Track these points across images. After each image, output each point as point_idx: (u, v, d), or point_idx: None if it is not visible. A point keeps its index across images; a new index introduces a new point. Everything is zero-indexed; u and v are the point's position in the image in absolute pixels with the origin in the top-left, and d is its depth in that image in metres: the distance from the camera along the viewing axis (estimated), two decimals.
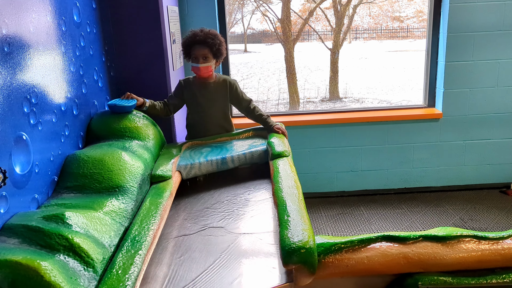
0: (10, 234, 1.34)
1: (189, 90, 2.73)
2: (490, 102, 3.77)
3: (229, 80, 2.78)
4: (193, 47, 2.63)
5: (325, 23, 8.15)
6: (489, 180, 3.98)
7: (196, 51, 2.62)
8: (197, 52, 2.61)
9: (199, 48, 2.61)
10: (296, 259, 1.38)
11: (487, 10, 3.55)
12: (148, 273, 1.55)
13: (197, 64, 2.62)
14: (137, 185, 1.88)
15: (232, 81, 2.79)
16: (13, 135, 1.49)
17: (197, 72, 2.66)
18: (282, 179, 1.95)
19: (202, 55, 2.61)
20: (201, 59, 2.61)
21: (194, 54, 2.63)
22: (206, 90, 2.73)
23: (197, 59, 2.62)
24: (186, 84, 2.74)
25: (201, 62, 2.62)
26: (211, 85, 2.74)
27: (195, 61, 2.63)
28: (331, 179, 3.95)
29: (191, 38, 2.64)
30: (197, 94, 2.72)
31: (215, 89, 2.75)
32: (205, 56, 2.62)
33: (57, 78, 1.88)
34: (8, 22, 1.51)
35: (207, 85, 2.74)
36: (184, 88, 2.73)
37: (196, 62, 2.62)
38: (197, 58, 2.62)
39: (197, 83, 2.74)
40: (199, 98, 2.73)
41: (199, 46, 2.61)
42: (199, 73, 2.66)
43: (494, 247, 1.49)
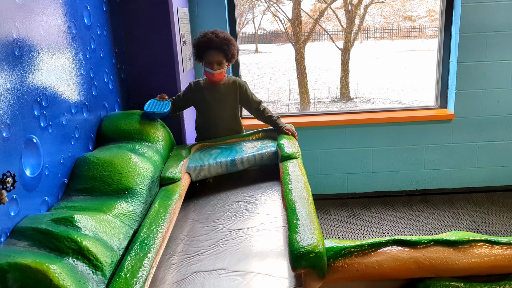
0: (20, 236, 1.36)
1: (199, 93, 2.71)
2: (503, 103, 3.71)
3: (239, 82, 2.76)
4: (207, 52, 2.60)
5: (336, 23, 8.11)
6: (503, 182, 3.91)
7: (210, 56, 2.59)
8: (212, 58, 2.59)
9: (214, 54, 2.59)
10: (305, 264, 1.37)
11: (500, 10, 3.49)
12: (156, 276, 1.55)
13: (211, 70, 2.60)
14: (146, 187, 1.88)
15: (242, 82, 2.77)
16: (24, 138, 1.50)
17: (211, 77, 2.64)
18: (292, 182, 1.94)
19: (217, 62, 2.60)
20: (215, 65, 2.60)
21: (208, 60, 2.60)
22: (216, 91, 2.72)
23: (212, 65, 2.60)
24: (197, 87, 2.72)
25: (215, 68, 2.60)
26: (221, 87, 2.73)
27: (210, 66, 2.60)
28: (341, 181, 3.92)
29: (206, 43, 2.60)
30: (207, 96, 2.71)
31: (225, 90, 2.73)
32: (220, 62, 2.60)
33: (67, 81, 1.89)
34: (18, 26, 1.52)
35: (217, 87, 2.72)
36: (194, 91, 2.72)
37: (211, 68, 2.60)
38: (212, 64, 2.60)
39: (207, 85, 2.73)
40: (209, 99, 2.71)
41: (214, 52, 2.59)
42: (213, 79, 2.65)
43: (507, 252, 1.46)
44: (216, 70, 2.60)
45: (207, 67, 2.62)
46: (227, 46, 2.59)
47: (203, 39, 2.61)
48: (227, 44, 2.60)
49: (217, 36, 2.59)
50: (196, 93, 2.71)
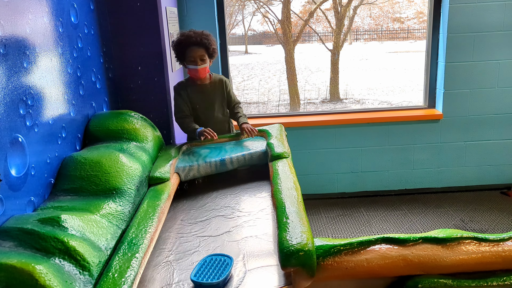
0: (5, 237, 1.33)
1: (187, 96, 2.69)
2: (491, 102, 3.75)
3: (225, 79, 2.78)
4: (188, 49, 2.60)
5: (325, 24, 8.14)
6: (490, 181, 3.96)
7: (192, 52, 2.59)
8: (194, 54, 2.58)
9: (196, 50, 2.59)
10: (295, 262, 1.37)
11: (488, 11, 3.53)
12: (145, 276, 1.53)
13: (195, 66, 2.59)
14: (134, 187, 1.86)
15: (227, 80, 2.80)
16: (9, 137, 1.47)
17: (196, 74, 2.63)
18: (282, 181, 1.94)
19: (199, 56, 2.59)
20: (198, 60, 2.59)
21: (190, 57, 2.59)
22: (204, 93, 2.71)
23: (195, 61, 2.59)
24: (183, 88, 2.70)
25: (199, 63, 2.60)
26: (208, 87, 2.72)
27: (193, 63, 2.60)
28: (331, 180, 3.93)
29: (185, 40, 2.59)
30: (195, 98, 2.70)
31: (213, 90, 2.73)
32: (202, 57, 2.60)
33: (54, 80, 1.87)
34: (4, 23, 1.50)
35: (204, 88, 2.71)
36: (182, 94, 2.68)
37: (194, 64, 2.59)
38: (195, 60, 2.59)
39: (194, 86, 2.70)
40: (198, 101, 2.71)
41: (195, 47, 2.59)
42: (198, 75, 2.63)
43: (494, 249, 1.47)
44: (200, 65, 2.59)
45: (190, 64, 2.61)
46: (206, 40, 2.60)
47: (182, 37, 2.62)
48: (206, 38, 2.60)
49: (195, 33, 2.61)
50: (185, 96, 2.69)
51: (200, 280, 1.40)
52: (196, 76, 2.65)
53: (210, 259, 1.52)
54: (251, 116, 3.97)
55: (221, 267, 1.47)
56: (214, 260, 1.51)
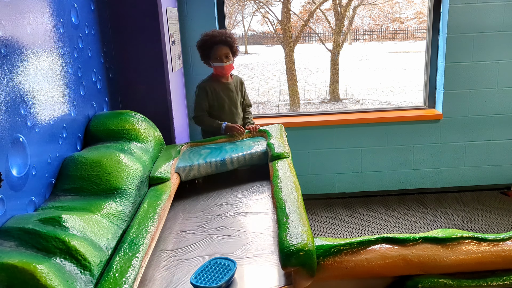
0: (6, 237, 1.34)
1: (214, 93, 2.83)
2: (490, 103, 3.76)
3: (241, 79, 2.99)
4: (214, 48, 2.77)
5: (325, 24, 8.15)
6: (490, 181, 3.96)
7: (218, 51, 2.77)
8: (219, 52, 2.77)
9: (221, 48, 2.77)
10: (295, 262, 1.37)
11: (487, 11, 3.54)
12: (145, 276, 1.53)
13: (221, 63, 2.77)
14: (135, 187, 1.87)
15: (242, 80, 3.01)
16: (10, 137, 1.48)
17: (222, 71, 2.80)
18: (282, 181, 1.94)
19: (224, 54, 2.78)
20: (224, 58, 2.76)
21: (216, 55, 2.77)
22: (229, 89, 2.87)
23: (221, 59, 2.77)
24: (209, 87, 2.83)
25: (225, 61, 2.76)
26: (231, 84, 2.89)
27: (218, 60, 2.77)
28: (331, 181, 3.94)
29: (211, 39, 2.78)
30: (221, 94, 2.84)
31: (235, 87, 2.91)
32: (227, 55, 2.78)
33: (54, 80, 1.87)
34: (5, 24, 1.50)
35: (228, 85, 2.88)
36: (209, 92, 2.82)
37: (220, 62, 2.76)
38: (220, 57, 2.77)
39: (219, 83, 2.85)
40: (225, 97, 2.85)
41: (220, 45, 2.76)
42: (224, 72, 2.81)
43: (494, 249, 1.48)
44: (225, 62, 2.78)
45: (216, 62, 2.79)
46: (230, 38, 2.82)
47: (207, 37, 2.79)
48: (230, 37, 2.80)
49: (219, 32, 2.80)
50: (211, 92, 2.83)
51: (199, 283, 1.40)
52: (221, 73, 2.82)
53: (214, 262, 1.51)
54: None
55: (223, 271, 1.46)
56: (218, 264, 1.50)
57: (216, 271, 1.46)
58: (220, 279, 1.41)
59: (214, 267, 1.48)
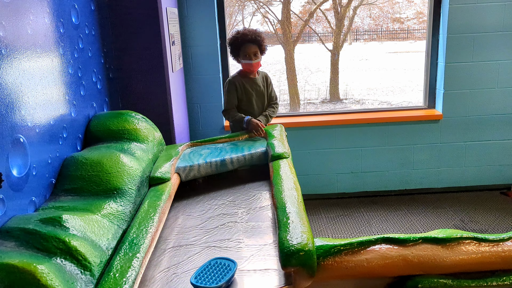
0: (7, 237, 1.34)
1: (242, 88, 2.94)
2: (490, 103, 3.76)
3: (267, 74, 3.09)
4: (244, 46, 2.90)
5: (325, 24, 8.15)
6: (490, 181, 3.96)
7: (247, 48, 2.89)
8: (249, 50, 2.89)
9: (251, 46, 2.89)
10: (295, 262, 1.37)
11: (487, 11, 3.54)
12: (146, 276, 1.54)
13: (250, 61, 2.90)
14: (135, 187, 1.87)
15: (268, 75, 3.10)
16: (10, 138, 1.48)
17: (250, 68, 2.93)
18: (282, 181, 1.94)
19: (253, 52, 2.90)
20: (253, 56, 2.90)
21: (245, 52, 2.90)
22: (257, 85, 2.98)
23: (250, 56, 2.90)
24: (238, 82, 2.94)
25: (253, 59, 2.91)
26: (258, 80, 3.00)
27: (248, 58, 2.90)
28: (331, 181, 3.94)
29: (242, 37, 2.89)
30: (250, 89, 2.95)
31: (262, 83, 3.02)
32: (256, 53, 2.92)
33: (55, 80, 1.88)
34: (5, 24, 1.50)
35: (256, 80, 2.99)
36: (238, 86, 2.93)
37: (249, 59, 2.90)
38: (249, 55, 2.90)
39: (247, 79, 2.96)
40: (252, 94, 2.96)
41: (250, 44, 2.89)
42: (252, 69, 2.93)
43: (494, 249, 1.48)
44: (254, 60, 2.91)
45: (244, 59, 2.92)
46: (259, 37, 2.93)
47: (238, 35, 2.92)
48: (259, 36, 2.93)
49: (249, 31, 2.91)
50: (240, 87, 2.94)
51: (199, 283, 1.40)
52: (249, 70, 2.94)
53: (214, 262, 1.51)
54: None
55: (223, 271, 1.46)
56: (218, 264, 1.50)
57: (216, 271, 1.46)
58: (220, 279, 1.42)
59: (214, 267, 1.48)
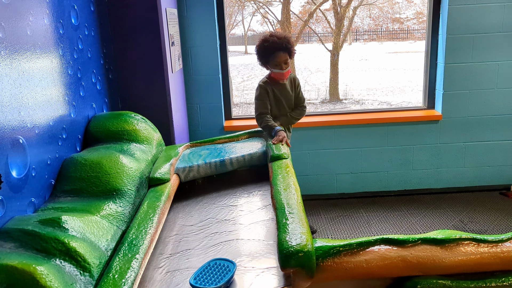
0: (6, 238, 1.34)
1: (272, 94, 2.88)
2: (490, 103, 3.76)
3: (295, 76, 2.99)
4: (274, 54, 2.78)
5: (325, 24, 8.15)
6: (489, 182, 3.96)
7: (277, 58, 2.78)
8: (279, 59, 2.78)
9: (282, 55, 2.78)
10: (294, 263, 1.37)
11: (486, 12, 3.54)
12: (145, 277, 1.54)
13: (281, 70, 2.80)
14: (134, 188, 1.87)
15: (296, 77, 3.00)
16: (10, 139, 1.48)
17: (281, 77, 2.84)
18: (281, 182, 1.94)
19: (284, 61, 2.79)
20: (283, 65, 2.80)
21: (276, 61, 2.78)
22: (285, 90, 2.91)
23: (280, 66, 2.79)
24: (268, 88, 2.87)
25: (284, 68, 2.80)
26: (287, 85, 2.93)
27: (278, 67, 2.80)
28: (331, 181, 3.94)
29: (272, 46, 2.77)
30: (280, 95, 2.89)
31: (290, 87, 2.95)
32: (286, 61, 2.81)
33: (54, 81, 1.88)
34: (4, 25, 1.51)
35: (285, 86, 2.92)
36: (269, 91, 2.87)
37: (280, 68, 2.80)
38: (280, 64, 2.79)
39: (278, 85, 2.89)
40: (282, 100, 2.90)
41: (280, 52, 2.77)
42: (282, 78, 2.84)
43: (493, 250, 1.48)
44: (285, 69, 2.80)
45: (275, 68, 2.82)
46: (289, 44, 2.81)
47: (267, 43, 2.79)
48: (288, 42, 2.80)
49: (279, 38, 2.78)
50: (270, 93, 2.88)
51: (198, 284, 1.40)
52: (280, 79, 2.86)
53: (213, 263, 1.51)
54: (251, 117, 3.97)
55: (223, 272, 1.46)
56: (217, 265, 1.50)
57: (216, 272, 1.46)
58: (219, 280, 1.42)
59: (213, 268, 1.48)
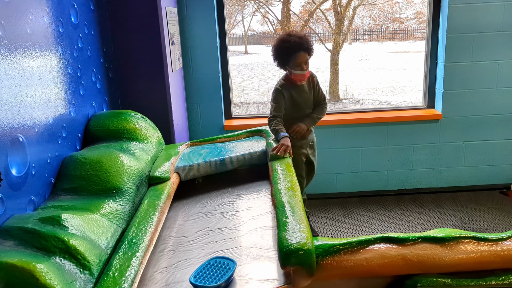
0: (6, 236, 1.34)
1: (290, 98, 2.76)
2: (490, 103, 3.76)
3: (313, 74, 2.85)
4: (295, 55, 2.64)
5: (325, 24, 8.14)
6: (489, 181, 3.96)
7: (299, 59, 2.65)
8: (301, 60, 2.65)
9: (303, 55, 2.65)
10: (294, 261, 1.37)
11: (486, 11, 3.54)
12: (145, 275, 1.54)
13: (302, 72, 2.67)
14: (134, 186, 1.87)
15: (313, 74, 2.86)
16: (10, 137, 1.48)
17: (301, 78, 2.71)
18: (281, 181, 1.94)
19: (305, 62, 2.67)
20: (304, 65, 2.67)
21: (296, 62, 2.65)
22: (303, 92, 2.79)
23: (301, 67, 2.66)
24: (286, 92, 2.76)
25: (304, 68, 2.67)
26: (305, 85, 2.80)
27: (298, 68, 2.66)
28: (331, 180, 3.94)
29: (293, 47, 2.63)
30: (298, 97, 2.77)
31: (308, 87, 2.82)
32: (307, 61, 2.69)
33: (54, 80, 1.88)
34: (4, 23, 1.51)
35: (303, 87, 2.79)
36: (286, 97, 2.75)
37: (300, 69, 2.67)
38: (301, 65, 2.66)
39: (296, 87, 2.77)
40: (300, 103, 2.78)
41: (302, 53, 2.65)
42: (303, 79, 2.72)
43: (493, 249, 1.48)
44: (306, 70, 2.68)
45: (295, 69, 2.67)
46: (309, 44, 2.68)
47: (287, 44, 2.65)
48: (308, 42, 2.68)
49: (300, 37, 2.66)
50: (287, 96, 2.76)
51: (198, 282, 1.40)
52: (300, 80, 2.72)
53: (214, 261, 1.51)
54: (251, 116, 3.97)
55: (223, 270, 1.46)
56: (217, 263, 1.50)
57: (216, 271, 1.46)
58: (219, 278, 1.42)
59: (213, 266, 1.48)
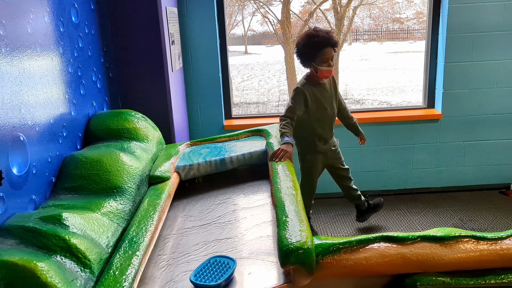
0: (7, 235, 1.34)
1: (313, 98, 2.65)
2: (490, 102, 3.76)
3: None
4: (323, 51, 2.56)
5: (325, 24, 8.14)
6: (489, 181, 3.97)
7: (327, 54, 2.56)
8: (329, 55, 2.56)
9: (331, 50, 2.57)
10: (294, 260, 1.38)
11: (486, 11, 3.55)
12: (145, 274, 1.54)
13: (330, 67, 2.58)
14: (135, 186, 1.87)
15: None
16: (11, 136, 1.48)
17: (328, 74, 2.62)
18: (281, 180, 1.94)
19: (331, 57, 2.58)
20: (330, 61, 2.58)
21: (324, 58, 2.56)
22: (325, 91, 2.69)
23: (328, 62, 2.58)
24: (308, 91, 2.64)
25: (331, 64, 2.59)
26: (326, 84, 2.70)
27: (326, 64, 2.57)
28: (331, 180, 3.93)
29: (322, 41, 2.55)
30: (321, 99, 2.67)
31: (329, 86, 2.73)
32: (333, 57, 2.60)
33: (55, 79, 1.88)
34: (5, 23, 1.51)
35: (324, 86, 2.68)
36: (308, 97, 2.65)
37: (328, 65, 2.58)
38: (328, 61, 2.57)
39: (319, 86, 2.67)
40: (322, 102, 2.68)
41: (329, 48, 2.57)
42: (329, 75, 2.63)
43: (492, 248, 1.49)
44: (332, 66, 2.60)
45: (322, 65, 2.58)
46: (335, 40, 2.61)
47: (316, 39, 2.56)
48: (334, 38, 2.61)
49: (327, 33, 2.58)
50: (310, 97, 2.65)
51: (198, 281, 1.41)
52: (326, 76, 2.63)
53: (214, 260, 1.51)
54: (251, 116, 3.97)
55: (223, 269, 1.46)
56: (217, 262, 1.50)
57: (216, 269, 1.46)
58: (219, 277, 1.42)
59: (213, 265, 1.49)
